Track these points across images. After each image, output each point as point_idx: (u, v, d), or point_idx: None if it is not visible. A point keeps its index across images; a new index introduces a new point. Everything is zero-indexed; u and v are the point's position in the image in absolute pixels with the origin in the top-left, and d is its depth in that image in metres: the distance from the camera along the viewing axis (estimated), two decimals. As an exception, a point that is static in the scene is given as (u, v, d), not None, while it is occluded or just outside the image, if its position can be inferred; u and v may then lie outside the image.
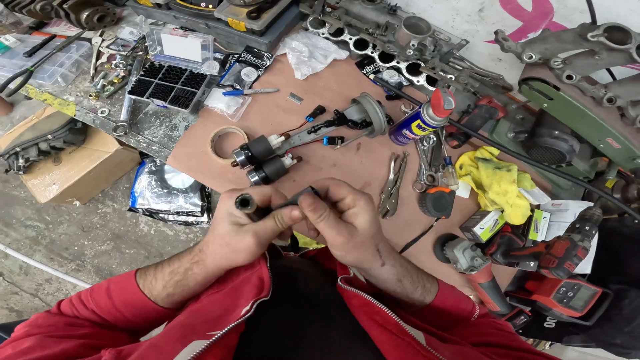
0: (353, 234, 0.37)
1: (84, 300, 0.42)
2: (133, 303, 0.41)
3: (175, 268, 0.41)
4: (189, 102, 0.78)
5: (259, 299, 0.34)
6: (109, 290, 0.42)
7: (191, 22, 0.92)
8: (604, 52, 0.63)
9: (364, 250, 0.39)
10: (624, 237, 0.82)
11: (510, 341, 0.39)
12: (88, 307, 0.41)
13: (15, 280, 1.81)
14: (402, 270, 0.42)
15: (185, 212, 1.70)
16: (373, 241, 0.39)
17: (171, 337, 0.31)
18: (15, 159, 1.42)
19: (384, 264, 0.40)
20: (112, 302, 0.41)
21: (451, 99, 0.67)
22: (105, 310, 0.41)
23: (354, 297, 0.38)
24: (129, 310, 0.41)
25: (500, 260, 0.80)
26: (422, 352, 0.28)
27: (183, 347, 0.28)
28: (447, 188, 0.83)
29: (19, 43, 0.94)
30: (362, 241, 0.38)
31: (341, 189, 0.40)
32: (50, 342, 0.35)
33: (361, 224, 0.38)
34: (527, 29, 0.82)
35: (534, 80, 0.73)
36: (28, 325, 0.38)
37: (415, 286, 0.43)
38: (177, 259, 0.42)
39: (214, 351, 0.27)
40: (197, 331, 0.31)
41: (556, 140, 0.77)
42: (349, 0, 0.91)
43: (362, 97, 0.79)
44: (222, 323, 0.31)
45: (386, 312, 0.33)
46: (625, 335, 0.75)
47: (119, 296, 0.41)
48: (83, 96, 0.85)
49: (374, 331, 0.33)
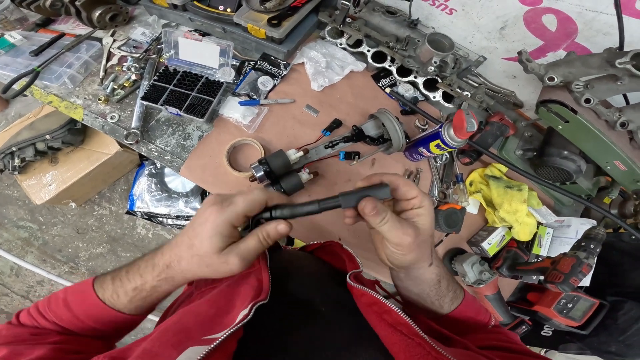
0: (418, 233, 0.37)
1: (43, 312, 0.39)
2: (96, 314, 0.39)
3: (138, 285, 0.38)
4: (205, 111, 0.76)
5: (257, 302, 0.33)
6: (66, 301, 0.39)
7: (207, 26, 0.89)
8: (627, 78, 0.64)
9: (423, 249, 0.39)
10: (621, 251, 0.87)
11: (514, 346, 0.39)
12: (48, 319, 0.39)
13: (5, 281, 1.75)
14: (443, 272, 0.43)
15: (185, 216, 1.66)
16: (430, 241, 0.40)
17: (165, 342, 0.30)
18: (10, 159, 1.37)
19: (431, 264, 0.41)
20: (72, 314, 0.39)
21: (474, 121, 0.66)
22: (66, 321, 0.39)
23: (362, 295, 0.37)
24: (92, 320, 0.39)
25: (506, 274, 0.83)
26: (433, 354, 0.28)
27: (179, 353, 0.26)
28: (457, 205, 0.83)
29: (25, 41, 0.90)
30: (424, 240, 0.39)
31: (412, 189, 0.39)
32: (24, 349, 0.33)
33: (425, 223, 0.38)
34: (547, 48, 0.82)
35: (553, 103, 0.73)
36: None
37: (449, 290, 0.44)
38: (137, 274, 0.38)
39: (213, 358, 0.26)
40: (192, 336, 0.30)
41: (565, 160, 0.78)
42: (369, 12, 0.90)
43: (381, 113, 0.78)
44: (217, 326, 0.30)
45: (396, 311, 0.33)
46: (619, 344, 0.79)
47: (79, 308, 0.39)
48: (91, 100, 0.82)
49: (383, 331, 0.32)
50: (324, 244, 0.62)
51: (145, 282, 0.38)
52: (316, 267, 0.56)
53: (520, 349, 0.38)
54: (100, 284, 0.40)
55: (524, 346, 0.40)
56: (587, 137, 0.72)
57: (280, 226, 0.37)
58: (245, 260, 0.36)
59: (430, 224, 0.39)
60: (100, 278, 0.40)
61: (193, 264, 0.36)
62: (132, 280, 0.38)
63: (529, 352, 0.37)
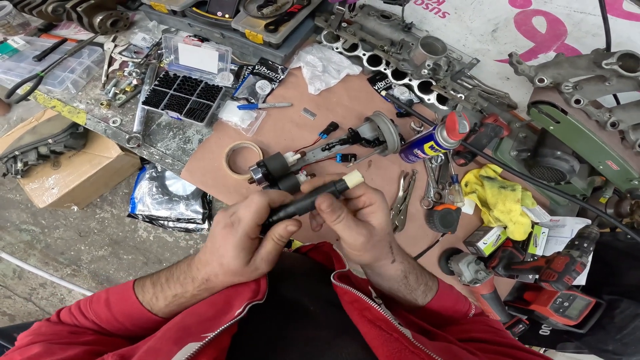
0: (372, 233, 0.38)
1: (84, 311, 0.41)
2: (133, 315, 0.41)
3: (179, 293, 0.40)
4: (205, 115, 0.78)
5: (252, 302, 0.35)
6: (108, 301, 0.41)
7: (206, 31, 0.91)
8: (615, 79, 0.65)
9: (380, 248, 0.40)
10: (617, 250, 0.87)
11: (496, 337, 0.40)
12: (88, 318, 0.41)
13: (8, 284, 1.77)
14: (409, 267, 0.43)
15: (186, 219, 1.68)
16: (387, 239, 0.40)
17: (167, 339, 0.32)
18: (13, 163, 1.39)
19: (394, 261, 0.41)
20: (111, 314, 0.41)
21: (466, 122, 0.68)
22: (105, 321, 0.41)
23: (345, 294, 0.38)
24: (129, 321, 0.41)
25: (502, 273, 0.83)
26: (410, 348, 0.29)
27: (179, 348, 0.28)
28: (453, 205, 0.85)
29: (28, 46, 0.91)
30: (380, 239, 0.39)
31: (359, 186, 0.39)
32: (57, 349, 0.35)
33: (378, 222, 0.38)
34: (538, 49, 0.84)
35: (543, 104, 0.75)
36: (31, 333, 0.39)
37: (419, 283, 0.44)
38: (179, 282, 0.40)
39: (207, 352, 0.27)
40: (192, 333, 0.32)
41: (558, 160, 0.80)
42: (364, 16, 0.92)
43: (377, 115, 0.79)
44: (215, 324, 0.31)
45: (375, 308, 0.34)
46: (616, 342, 0.80)
47: (119, 308, 0.41)
48: (94, 104, 0.84)
49: (363, 327, 0.33)
50: (317, 244, 0.63)
51: (186, 291, 0.40)
52: (309, 268, 0.57)
53: (500, 340, 0.39)
54: (141, 287, 0.42)
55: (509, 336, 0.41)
56: (578, 137, 0.73)
57: (290, 226, 0.38)
58: (270, 262, 0.39)
59: (384, 222, 0.39)
60: (141, 281, 0.43)
61: (229, 277, 0.39)
62: (172, 288, 0.40)
63: (509, 342, 0.38)
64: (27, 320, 1.73)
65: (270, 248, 0.39)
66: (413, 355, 0.28)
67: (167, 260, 1.81)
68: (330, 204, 0.36)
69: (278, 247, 0.39)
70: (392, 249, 0.41)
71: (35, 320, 1.40)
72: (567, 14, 0.74)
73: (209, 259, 0.39)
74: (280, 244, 0.39)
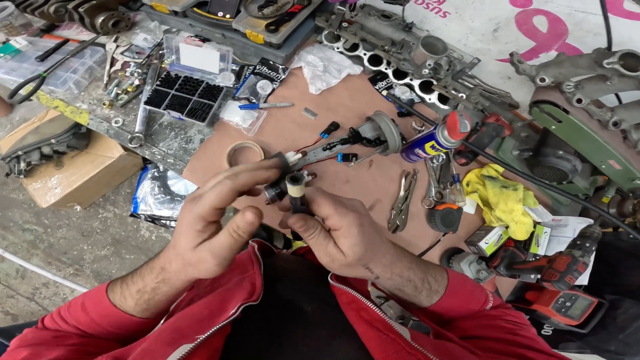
0: (335, 257, 0.35)
1: (64, 316, 0.42)
2: (109, 316, 0.41)
3: (141, 287, 0.39)
4: (206, 115, 0.78)
5: (245, 303, 0.35)
6: (84, 305, 0.42)
7: (207, 31, 0.91)
8: (616, 78, 0.65)
9: (350, 270, 0.37)
10: (620, 250, 0.87)
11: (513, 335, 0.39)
12: (69, 323, 0.41)
13: (11, 283, 1.78)
14: (402, 281, 0.40)
15: (188, 219, 1.69)
16: (359, 263, 0.36)
17: (161, 340, 0.32)
18: (16, 163, 1.40)
19: (377, 277, 0.38)
20: (89, 317, 0.41)
21: (467, 122, 0.68)
22: (85, 324, 0.41)
23: (342, 294, 0.38)
24: (107, 323, 0.41)
25: (504, 273, 0.83)
26: (407, 349, 0.29)
27: (173, 350, 0.28)
28: (454, 205, 0.85)
29: (30, 46, 0.92)
30: (347, 264, 0.35)
31: (322, 207, 0.35)
32: (44, 350, 0.35)
33: (346, 248, 0.35)
34: (539, 49, 0.84)
35: (545, 104, 0.74)
36: (19, 339, 0.39)
37: (419, 291, 0.42)
38: (140, 277, 0.40)
39: (200, 352, 0.28)
40: (186, 334, 0.32)
41: (560, 160, 0.79)
42: (365, 16, 0.92)
43: (378, 115, 0.79)
44: (209, 325, 0.31)
45: (372, 308, 0.34)
46: (618, 342, 0.80)
47: (95, 311, 0.41)
48: (96, 104, 0.84)
49: (360, 327, 0.33)
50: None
51: (146, 285, 0.39)
52: (305, 269, 0.57)
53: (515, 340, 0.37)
54: (112, 287, 0.42)
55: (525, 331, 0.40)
56: (580, 136, 0.73)
57: (247, 214, 0.33)
58: (218, 257, 0.34)
59: (353, 249, 0.34)
60: (112, 283, 0.43)
61: (179, 264, 0.36)
62: (135, 283, 0.40)
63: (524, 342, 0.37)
64: (29, 320, 1.73)
65: (222, 240, 0.34)
66: (410, 356, 0.28)
67: (169, 260, 1.81)
68: (302, 225, 0.34)
69: (232, 241, 0.34)
70: (370, 270, 0.37)
71: (37, 320, 1.40)
72: (568, 13, 0.73)
73: (169, 245, 0.37)
74: (235, 237, 0.34)
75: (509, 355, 0.35)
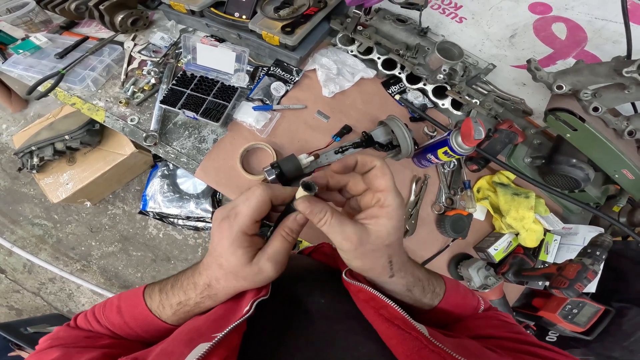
0: (363, 240, 0.32)
1: (98, 317, 0.42)
2: (144, 322, 0.41)
3: (182, 300, 0.39)
4: (220, 115, 0.78)
5: (257, 298, 0.34)
6: (119, 308, 0.42)
7: (223, 32, 0.92)
8: (634, 87, 0.64)
9: (373, 259, 0.34)
10: (628, 259, 0.87)
11: (509, 332, 0.38)
12: (102, 324, 0.41)
13: (17, 278, 1.80)
14: (413, 281, 0.39)
15: (196, 218, 1.69)
16: (387, 251, 0.34)
17: (179, 341, 0.32)
18: (29, 158, 1.42)
19: (392, 276, 0.36)
20: (124, 321, 0.41)
21: (481, 129, 0.67)
22: (117, 327, 0.41)
23: (359, 291, 0.36)
24: (140, 328, 0.41)
25: (512, 279, 0.83)
26: (430, 347, 0.28)
27: (190, 350, 0.28)
28: (464, 211, 0.85)
29: (50, 43, 0.93)
30: (373, 249, 0.33)
31: (381, 179, 0.33)
32: (75, 353, 0.35)
33: (379, 229, 0.33)
34: (557, 56, 0.83)
35: (561, 111, 0.74)
36: (50, 338, 0.39)
37: (425, 293, 0.40)
38: (182, 290, 0.39)
39: (218, 352, 0.27)
40: (203, 334, 0.31)
41: (573, 168, 0.79)
42: (380, 20, 0.92)
43: (391, 120, 0.79)
44: (225, 324, 0.31)
45: (393, 306, 0.32)
46: (623, 350, 0.81)
47: (130, 315, 0.41)
48: (113, 102, 0.85)
49: (380, 325, 0.32)
50: (317, 246, 0.62)
51: (189, 299, 0.38)
52: (314, 267, 0.57)
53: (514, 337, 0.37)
54: (150, 294, 0.41)
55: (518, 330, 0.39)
56: (595, 145, 0.72)
57: (299, 216, 0.35)
58: (277, 262, 0.35)
59: (385, 231, 0.33)
60: (150, 288, 0.42)
61: (230, 281, 0.36)
62: (176, 295, 0.39)
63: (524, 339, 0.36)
64: (34, 315, 1.75)
65: (278, 246, 0.35)
66: (433, 354, 0.28)
67: (176, 258, 1.82)
68: (307, 207, 0.33)
69: (287, 245, 0.35)
70: (391, 264, 0.35)
71: (42, 315, 1.42)
72: (588, 21, 0.73)
73: (210, 262, 0.37)
74: (290, 240, 0.35)
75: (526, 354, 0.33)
